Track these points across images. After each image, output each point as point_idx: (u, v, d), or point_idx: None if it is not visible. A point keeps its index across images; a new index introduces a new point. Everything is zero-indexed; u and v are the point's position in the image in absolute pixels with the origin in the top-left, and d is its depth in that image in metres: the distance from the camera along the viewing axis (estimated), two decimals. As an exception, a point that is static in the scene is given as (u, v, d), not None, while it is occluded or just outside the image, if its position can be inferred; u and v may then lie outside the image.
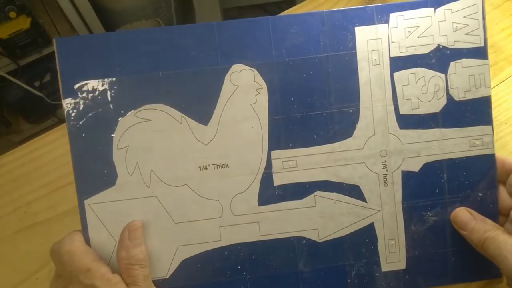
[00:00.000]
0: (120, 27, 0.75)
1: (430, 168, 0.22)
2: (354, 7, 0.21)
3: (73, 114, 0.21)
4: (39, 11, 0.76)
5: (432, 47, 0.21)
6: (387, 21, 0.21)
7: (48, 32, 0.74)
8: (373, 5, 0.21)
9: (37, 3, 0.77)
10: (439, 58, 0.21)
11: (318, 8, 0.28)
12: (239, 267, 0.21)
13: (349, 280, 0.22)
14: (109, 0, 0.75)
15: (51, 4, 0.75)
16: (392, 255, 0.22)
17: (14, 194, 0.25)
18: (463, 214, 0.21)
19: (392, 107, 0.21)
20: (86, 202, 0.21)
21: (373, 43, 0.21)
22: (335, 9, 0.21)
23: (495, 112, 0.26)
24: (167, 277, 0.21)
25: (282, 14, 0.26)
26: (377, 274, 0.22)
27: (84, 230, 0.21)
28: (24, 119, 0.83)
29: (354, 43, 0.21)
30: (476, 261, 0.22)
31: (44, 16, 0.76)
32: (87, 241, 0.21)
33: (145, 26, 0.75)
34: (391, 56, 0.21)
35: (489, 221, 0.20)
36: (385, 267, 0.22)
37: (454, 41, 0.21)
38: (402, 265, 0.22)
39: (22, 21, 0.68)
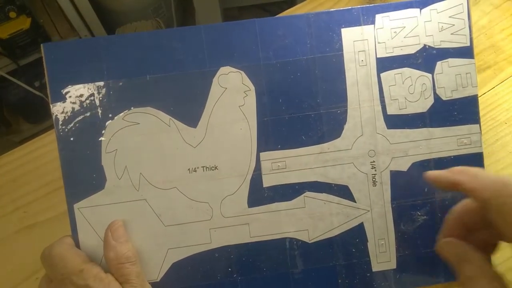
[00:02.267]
0: (120, 27, 0.76)
1: (419, 168, 0.22)
2: (340, 8, 0.21)
3: (61, 119, 0.21)
4: (39, 11, 0.77)
5: (418, 47, 0.22)
6: (373, 22, 0.21)
7: (48, 32, 0.74)
8: (368, 5, 0.21)
9: (37, 3, 0.77)
10: (426, 58, 0.22)
11: (318, 8, 0.28)
12: (229, 269, 0.21)
13: (340, 281, 0.22)
14: (109, 0, 0.75)
15: (51, 4, 0.76)
16: (383, 255, 0.22)
17: (14, 194, 0.25)
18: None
19: (380, 107, 0.22)
20: (76, 206, 0.21)
21: (359, 44, 0.21)
22: (321, 10, 0.21)
23: (495, 112, 0.26)
24: (157, 280, 0.21)
25: (278, 15, 0.26)
26: (368, 274, 0.22)
27: (74, 233, 0.21)
28: (24, 119, 0.84)
29: (341, 44, 0.21)
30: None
31: (44, 16, 0.76)
32: (77, 244, 0.21)
33: (145, 26, 0.76)
34: (377, 56, 0.21)
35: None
36: (376, 267, 0.22)
37: (440, 41, 0.22)
38: (392, 265, 0.22)
39: (22, 21, 0.68)
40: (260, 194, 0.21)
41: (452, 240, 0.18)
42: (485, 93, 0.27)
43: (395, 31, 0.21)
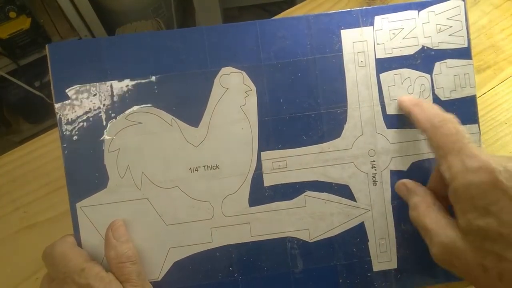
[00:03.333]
0: (120, 27, 0.76)
1: (418, 167, 0.22)
2: (340, 10, 0.22)
3: (65, 118, 0.21)
4: (39, 11, 0.77)
5: (417, 48, 0.22)
6: (372, 24, 0.22)
7: (48, 32, 0.75)
8: (367, 7, 0.22)
9: (37, 3, 0.78)
10: (424, 59, 0.22)
11: (318, 8, 0.28)
12: (230, 268, 0.21)
13: (340, 280, 0.22)
14: (109, 0, 0.76)
15: (51, 4, 0.76)
16: (383, 254, 0.22)
17: (14, 194, 0.25)
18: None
19: (379, 107, 0.22)
20: (78, 205, 0.21)
21: (359, 45, 0.22)
22: (321, 12, 0.22)
23: (495, 112, 0.26)
24: (159, 279, 0.21)
25: (279, 16, 0.27)
26: (369, 274, 0.22)
27: (76, 232, 0.21)
28: (24, 119, 0.84)
29: (340, 45, 0.22)
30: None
31: (44, 16, 0.77)
32: (79, 243, 0.21)
33: (145, 26, 0.76)
34: (376, 57, 0.22)
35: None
36: (377, 266, 0.22)
37: (438, 42, 0.22)
38: (393, 265, 0.22)
39: (22, 21, 0.69)
40: (261, 193, 0.22)
41: (405, 180, 0.21)
42: (485, 93, 0.27)
43: (394, 32, 0.22)
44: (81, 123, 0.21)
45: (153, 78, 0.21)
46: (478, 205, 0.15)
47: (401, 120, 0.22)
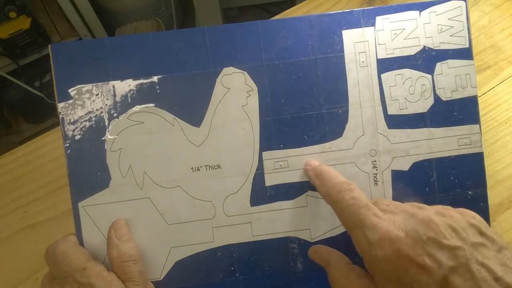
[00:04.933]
0: (120, 27, 0.77)
1: (420, 167, 0.22)
2: (341, 11, 0.22)
3: (67, 118, 0.21)
4: (39, 11, 0.77)
5: (418, 49, 0.22)
6: (373, 24, 0.22)
7: (48, 32, 0.75)
8: (368, 8, 0.22)
9: (37, 3, 0.78)
10: (425, 59, 0.22)
11: (318, 8, 0.28)
12: (232, 268, 0.21)
13: (342, 280, 0.22)
14: (109, 0, 0.76)
15: (51, 4, 0.76)
16: (385, 254, 0.22)
17: (14, 194, 0.25)
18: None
19: (381, 108, 0.22)
20: (80, 204, 0.21)
21: (360, 45, 0.22)
22: (322, 12, 0.22)
23: (495, 112, 0.26)
24: (160, 279, 0.21)
25: (274, 17, 0.27)
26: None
27: (78, 232, 0.21)
28: (24, 119, 0.84)
29: (342, 45, 0.22)
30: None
31: (44, 16, 0.77)
32: (81, 242, 0.21)
33: (145, 26, 0.76)
34: (378, 58, 0.22)
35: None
36: (378, 266, 0.22)
37: (440, 42, 0.22)
38: (394, 265, 0.22)
39: (22, 21, 0.69)
40: (262, 193, 0.22)
41: (319, 246, 0.20)
42: (485, 93, 0.27)
43: (395, 33, 0.22)
44: (84, 123, 0.21)
45: (155, 78, 0.21)
46: (391, 278, 0.15)
47: (402, 120, 0.22)
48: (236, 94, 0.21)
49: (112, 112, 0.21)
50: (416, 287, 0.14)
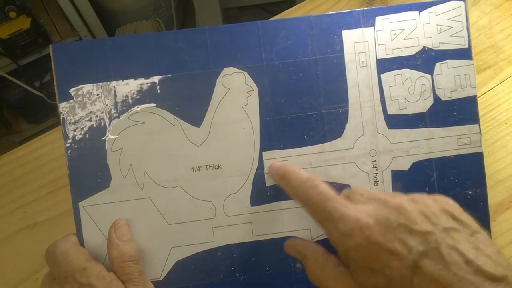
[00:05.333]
0: (120, 27, 0.77)
1: (420, 167, 0.22)
2: (341, 11, 0.22)
3: (68, 118, 0.21)
4: (39, 11, 0.77)
5: (418, 49, 0.22)
6: (373, 25, 0.22)
7: (48, 32, 0.75)
8: (368, 8, 0.22)
9: (37, 3, 0.78)
10: (425, 60, 0.22)
11: (318, 8, 0.28)
12: (232, 268, 0.21)
13: (342, 280, 0.22)
14: (109, 0, 0.76)
15: (51, 4, 0.76)
16: (385, 254, 0.22)
17: (14, 194, 0.25)
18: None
19: (380, 108, 0.22)
20: (81, 204, 0.21)
21: (360, 45, 0.22)
22: (322, 13, 0.22)
23: (495, 112, 0.26)
24: (160, 279, 0.21)
25: (274, 17, 0.27)
26: (370, 274, 0.22)
27: (79, 232, 0.21)
28: (24, 119, 0.84)
29: (342, 46, 0.22)
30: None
31: (44, 16, 0.77)
32: (82, 242, 0.21)
33: (145, 26, 0.76)
34: (378, 58, 0.22)
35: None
36: (378, 266, 0.22)
37: (439, 42, 0.22)
38: (395, 264, 0.22)
39: (22, 21, 0.69)
40: (262, 193, 0.22)
41: (294, 239, 0.20)
42: (485, 93, 0.27)
43: (395, 33, 0.22)
44: (84, 123, 0.21)
45: (156, 78, 0.21)
46: (363, 265, 0.15)
47: (402, 120, 0.22)
48: (236, 94, 0.22)
49: (112, 112, 0.21)
50: (388, 273, 0.14)
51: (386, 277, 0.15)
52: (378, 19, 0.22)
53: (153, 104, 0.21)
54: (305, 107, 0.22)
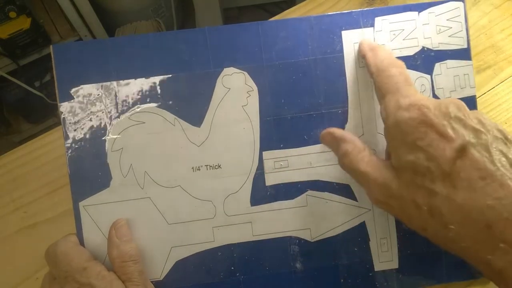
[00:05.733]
0: (120, 27, 0.77)
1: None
2: (341, 12, 0.22)
3: (69, 118, 0.21)
4: (39, 11, 0.77)
5: (417, 49, 0.22)
6: (372, 25, 0.22)
7: (48, 32, 0.75)
8: (367, 9, 0.22)
9: (37, 3, 0.78)
10: (424, 60, 0.22)
11: (318, 8, 0.28)
12: (232, 267, 0.21)
13: (342, 280, 0.22)
14: (109, 0, 0.77)
15: (51, 4, 0.76)
16: (385, 254, 0.22)
17: (14, 194, 0.25)
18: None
19: (380, 108, 0.22)
20: (81, 204, 0.21)
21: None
22: (322, 13, 0.22)
23: (495, 112, 0.26)
24: (160, 278, 0.21)
25: (275, 17, 0.27)
26: (370, 274, 0.22)
27: (79, 231, 0.21)
28: (24, 119, 0.84)
29: (341, 46, 0.22)
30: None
31: (44, 16, 0.77)
32: (82, 242, 0.21)
33: (145, 27, 0.76)
34: (377, 58, 0.22)
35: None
36: (378, 266, 0.22)
37: (438, 43, 0.22)
38: (395, 264, 0.22)
39: (22, 21, 0.68)
40: (262, 192, 0.22)
41: (332, 128, 0.20)
42: (485, 93, 0.27)
43: (394, 33, 0.22)
44: (85, 123, 0.21)
45: (156, 78, 0.21)
46: (408, 140, 0.15)
47: (401, 120, 0.22)
48: (236, 94, 0.22)
49: (113, 112, 0.21)
50: (431, 151, 0.15)
51: (427, 155, 0.15)
52: (378, 20, 0.22)
53: (153, 104, 0.21)
54: (305, 107, 0.22)
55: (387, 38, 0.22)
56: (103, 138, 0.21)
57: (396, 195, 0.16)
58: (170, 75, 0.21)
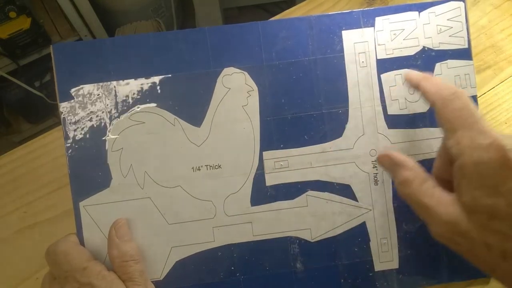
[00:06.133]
0: (120, 27, 0.77)
1: (420, 167, 0.22)
2: (341, 11, 0.22)
3: (69, 118, 0.21)
4: (39, 11, 0.77)
5: (418, 49, 0.22)
6: (373, 25, 0.22)
7: (48, 32, 0.75)
8: (368, 8, 0.22)
9: (37, 3, 0.78)
10: (425, 60, 0.22)
11: (318, 8, 0.28)
12: (232, 268, 0.21)
13: (342, 280, 0.22)
14: (109, 0, 0.76)
15: (51, 4, 0.76)
16: (385, 254, 0.22)
17: (14, 194, 0.25)
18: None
19: (380, 108, 0.22)
20: (81, 204, 0.21)
21: (360, 46, 0.22)
22: (322, 13, 0.22)
23: (495, 112, 0.26)
24: (161, 278, 0.21)
25: (274, 17, 0.27)
26: (370, 274, 0.22)
27: (79, 231, 0.21)
28: (24, 119, 0.84)
29: (342, 46, 0.22)
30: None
31: (44, 16, 0.77)
32: (82, 242, 0.21)
33: (145, 26, 0.76)
34: (377, 58, 0.22)
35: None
36: (378, 266, 0.22)
37: (439, 43, 0.22)
38: (395, 265, 0.22)
39: (22, 21, 0.68)
40: (263, 192, 0.22)
41: (389, 150, 0.19)
42: (485, 93, 0.27)
43: (395, 33, 0.22)
44: (85, 123, 0.21)
45: (156, 78, 0.21)
46: (487, 183, 0.15)
47: (402, 120, 0.22)
48: (236, 94, 0.22)
49: (113, 112, 0.21)
50: (510, 199, 0.14)
51: (509, 201, 0.14)
52: (378, 19, 0.22)
53: (153, 104, 0.21)
54: (305, 107, 0.22)
55: (388, 38, 0.22)
56: (103, 138, 0.21)
57: (464, 234, 0.15)
58: (170, 75, 0.21)
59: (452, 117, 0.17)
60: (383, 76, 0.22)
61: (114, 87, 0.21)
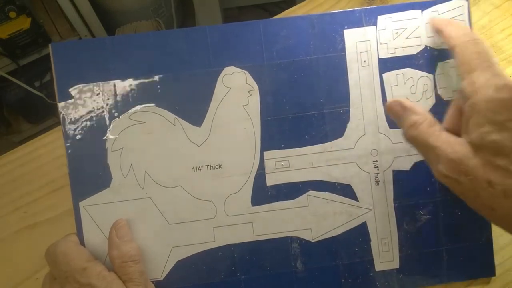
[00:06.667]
0: (120, 27, 0.76)
1: (421, 167, 0.22)
2: (343, 10, 0.22)
3: (68, 118, 0.21)
4: (39, 11, 0.77)
5: (420, 48, 0.22)
6: (375, 24, 0.22)
7: (48, 32, 0.75)
8: (370, 7, 0.22)
9: (37, 3, 0.78)
10: (427, 59, 0.22)
11: (318, 8, 0.28)
12: (233, 268, 0.21)
13: (343, 280, 0.22)
14: (109, 0, 0.76)
15: (51, 4, 0.76)
16: (386, 254, 0.22)
17: (14, 194, 0.25)
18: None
19: (382, 107, 0.22)
20: (81, 204, 0.21)
21: (362, 45, 0.22)
22: (323, 12, 0.22)
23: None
24: (161, 278, 0.21)
25: (275, 17, 0.27)
26: (371, 274, 0.22)
27: (79, 231, 0.21)
28: (24, 119, 0.84)
29: (343, 45, 0.22)
30: (470, 259, 0.22)
31: (44, 16, 0.77)
32: (82, 242, 0.21)
33: (145, 26, 0.76)
34: (379, 57, 0.22)
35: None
36: (379, 266, 0.22)
37: (441, 42, 0.22)
38: (395, 264, 0.22)
39: (22, 21, 0.68)
40: (263, 192, 0.22)
41: (398, 99, 0.19)
42: (485, 94, 0.27)
43: (397, 32, 0.22)
44: (85, 123, 0.21)
45: (156, 77, 0.21)
46: (496, 119, 0.15)
47: (403, 120, 0.22)
48: (237, 94, 0.21)
49: (113, 111, 0.21)
50: None
51: None
52: (380, 18, 0.22)
53: (153, 104, 0.21)
54: (306, 107, 0.22)
55: (390, 37, 0.22)
56: (103, 138, 0.21)
57: (468, 172, 0.15)
58: (170, 74, 0.21)
59: (470, 59, 0.17)
60: (385, 75, 0.22)
61: (114, 86, 0.21)
